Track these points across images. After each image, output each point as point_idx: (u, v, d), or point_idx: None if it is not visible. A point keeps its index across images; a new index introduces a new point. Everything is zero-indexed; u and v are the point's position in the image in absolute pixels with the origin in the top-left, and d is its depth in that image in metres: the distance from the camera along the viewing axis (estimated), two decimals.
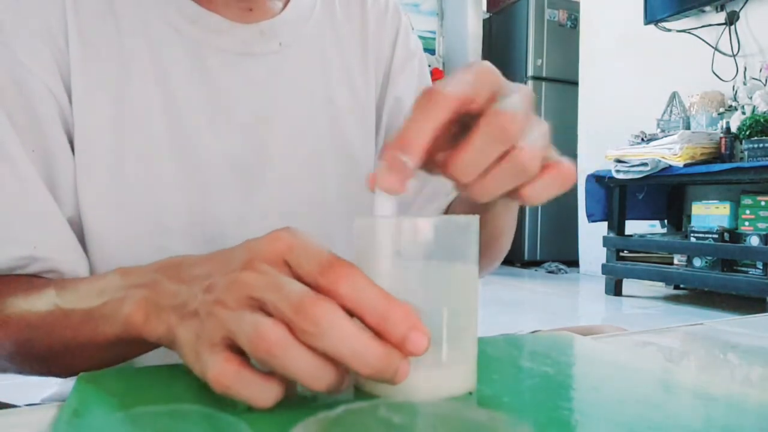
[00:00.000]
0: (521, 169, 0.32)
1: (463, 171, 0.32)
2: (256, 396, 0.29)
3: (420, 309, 0.28)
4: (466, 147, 0.31)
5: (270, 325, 0.28)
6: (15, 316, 0.41)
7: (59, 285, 0.42)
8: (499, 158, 0.32)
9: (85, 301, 0.39)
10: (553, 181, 0.34)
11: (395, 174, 0.31)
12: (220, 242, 0.53)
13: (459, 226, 0.32)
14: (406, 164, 0.31)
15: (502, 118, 0.31)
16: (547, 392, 0.33)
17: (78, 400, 0.30)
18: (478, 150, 0.31)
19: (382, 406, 0.25)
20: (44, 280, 0.45)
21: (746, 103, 2.88)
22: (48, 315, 0.40)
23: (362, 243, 0.32)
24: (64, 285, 0.41)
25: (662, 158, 2.87)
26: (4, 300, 0.42)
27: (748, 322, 0.60)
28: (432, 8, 5.27)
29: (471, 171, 0.32)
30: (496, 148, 0.31)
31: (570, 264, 4.40)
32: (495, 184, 0.32)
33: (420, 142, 0.31)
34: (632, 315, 2.92)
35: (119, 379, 0.35)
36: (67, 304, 0.39)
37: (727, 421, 0.29)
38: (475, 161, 0.32)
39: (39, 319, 0.40)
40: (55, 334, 0.40)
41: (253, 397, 0.29)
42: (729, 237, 2.80)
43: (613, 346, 0.47)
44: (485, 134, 0.31)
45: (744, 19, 3.16)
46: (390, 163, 0.31)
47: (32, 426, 0.30)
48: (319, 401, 0.31)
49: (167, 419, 0.27)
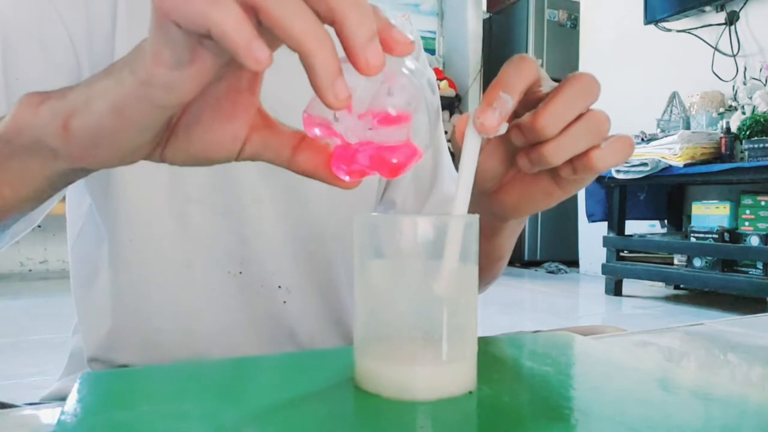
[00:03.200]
0: (597, 129, 0.34)
1: (550, 123, 0.33)
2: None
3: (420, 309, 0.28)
4: (554, 100, 0.33)
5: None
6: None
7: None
8: (576, 118, 0.33)
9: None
10: (621, 147, 0.35)
11: (495, 111, 0.32)
12: (236, 215, 0.56)
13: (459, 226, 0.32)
14: (506, 102, 0.32)
15: (587, 77, 0.34)
16: (547, 392, 0.33)
17: (78, 400, 0.30)
18: (566, 102, 0.33)
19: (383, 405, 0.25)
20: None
21: (746, 103, 2.88)
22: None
23: (362, 241, 0.32)
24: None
25: (662, 158, 2.87)
26: None
27: (748, 322, 0.60)
28: (432, 8, 5.27)
29: (557, 124, 0.33)
30: (582, 102, 0.33)
31: (570, 264, 4.40)
32: (571, 141, 0.34)
33: (518, 88, 0.33)
34: (632, 315, 2.92)
35: (119, 379, 0.35)
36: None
37: (727, 421, 0.29)
38: (562, 114, 0.33)
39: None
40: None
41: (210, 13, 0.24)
42: (729, 237, 2.80)
43: (613, 346, 0.47)
44: (572, 88, 0.33)
45: (744, 19, 3.16)
46: (490, 100, 0.32)
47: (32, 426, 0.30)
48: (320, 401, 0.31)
49: (167, 419, 0.27)
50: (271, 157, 0.33)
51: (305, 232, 0.59)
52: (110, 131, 0.29)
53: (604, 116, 0.34)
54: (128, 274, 0.54)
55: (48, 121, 0.31)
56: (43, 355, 2.05)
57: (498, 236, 0.48)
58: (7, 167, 0.34)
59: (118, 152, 0.31)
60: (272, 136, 0.32)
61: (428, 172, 0.66)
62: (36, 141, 0.32)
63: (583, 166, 0.35)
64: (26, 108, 0.32)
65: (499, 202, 0.42)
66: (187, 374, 0.36)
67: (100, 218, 0.55)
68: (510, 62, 0.34)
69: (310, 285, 0.59)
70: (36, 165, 0.33)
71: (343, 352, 0.41)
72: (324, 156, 0.32)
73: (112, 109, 0.29)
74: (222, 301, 0.56)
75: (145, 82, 0.27)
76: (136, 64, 0.28)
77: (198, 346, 0.56)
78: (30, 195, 0.36)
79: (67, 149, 0.31)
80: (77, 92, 0.30)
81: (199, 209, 0.55)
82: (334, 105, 0.26)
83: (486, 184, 0.41)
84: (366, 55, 0.25)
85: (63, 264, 4.12)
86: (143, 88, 0.27)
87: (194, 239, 0.55)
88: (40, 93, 0.32)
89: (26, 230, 0.52)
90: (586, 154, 0.34)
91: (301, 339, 0.59)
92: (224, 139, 0.31)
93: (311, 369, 0.37)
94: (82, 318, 0.58)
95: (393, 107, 0.29)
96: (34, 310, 2.97)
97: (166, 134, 0.31)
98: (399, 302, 0.31)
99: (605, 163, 0.35)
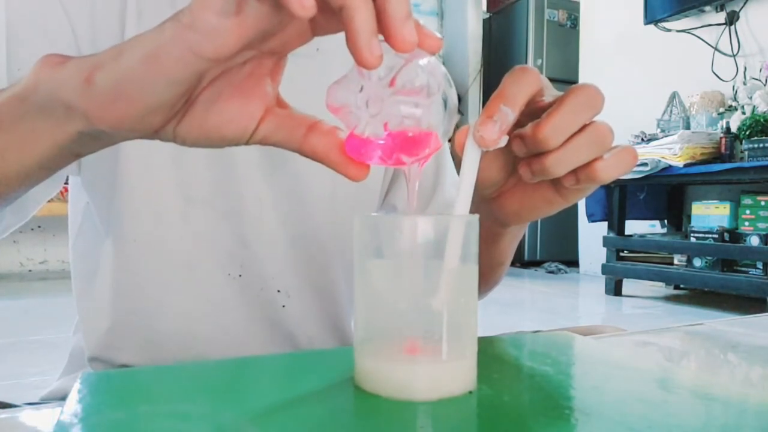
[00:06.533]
0: (600, 141, 0.34)
1: (552, 134, 0.33)
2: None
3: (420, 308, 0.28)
4: (557, 111, 0.33)
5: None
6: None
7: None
8: (579, 129, 0.33)
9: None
10: (625, 158, 0.35)
11: (495, 124, 0.32)
12: (237, 217, 0.56)
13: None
14: (507, 115, 0.32)
15: (590, 88, 0.33)
16: (547, 392, 0.33)
17: (78, 400, 0.30)
18: (568, 114, 0.33)
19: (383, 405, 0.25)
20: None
21: (746, 103, 2.88)
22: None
23: (362, 241, 0.32)
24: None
25: (662, 158, 2.87)
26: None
27: (748, 322, 0.60)
28: (432, 8, 5.27)
29: (559, 135, 0.33)
30: (585, 114, 0.33)
31: (570, 264, 4.40)
32: (574, 153, 0.34)
33: (519, 100, 0.33)
34: (632, 315, 2.92)
35: (119, 379, 0.35)
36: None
37: (727, 421, 0.29)
38: (565, 125, 0.33)
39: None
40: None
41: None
42: (729, 237, 2.80)
43: (613, 346, 0.47)
44: (575, 99, 0.33)
45: (744, 19, 3.16)
46: (491, 113, 0.32)
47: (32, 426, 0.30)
48: (320, 401, 0.31)
49: (167, 419, 0.27)
50: (283, 138, 0.33)
51: (305, 235, 0.58)
52: (137, 81, 0.29)
53: (607, 128, 0.34)
54: (130, 274, 0.54)
55: (70, 74, 0.31)
56: (43, 355, 2.05)
57: (499, 242, 0.48)
58: (16, 128, 0.33)
59: (137, 110, 0.30)
60: (286, 118, 0.33)
61: (430, 177, 0.66)
62: (51, 97, 0.31)
63: (586, 177, 0.35)
64: (46, 66, 0.32)
65: (500, 208, 0.42)
66: (187, 374, 0.36)
67: (104, 217, 0.55)
68: (511, 73, 0.34)
69: (309, 289, 0.59)
70: (47, 126, 0.33)
71: (342, 352, 0.41)
72: (336, 140, 0.32)
73: (145, 57, 0.28)
74: (222, 304, 0.56)
75: (189, 26, 0.27)
76: (180, 14, 0.28)
77: (198, 348, 0.56)
78: (35, 163, 0.35)
79: (85, 103, 0.30)
80: (107, 51, 0.30)
81: (201, 210, 0.55)
82: (369, 61, 0.27)
83: (486, 191, 0.41)
84: (403, 31, 0.27)
85: (63, 264, 4.12)
86: (186, 32, 0.27)
87: (196, 240, 0.55)
88: (61, 54, 0.32)
89: (17, 224, 0.52)
90: (589, 166, 0.34)
91: (300, 343, 0.59)
92: (240, 116, 0.32)
93: (311, 369, 0.37)
94: (82, 316, 0.58)
95: (417, 78, 0.30)
96: (34, 310, 2.97)
97: (184, 107, 0.31)
98: (399, 302, 0.31)
99: (608, 175, 0.35)
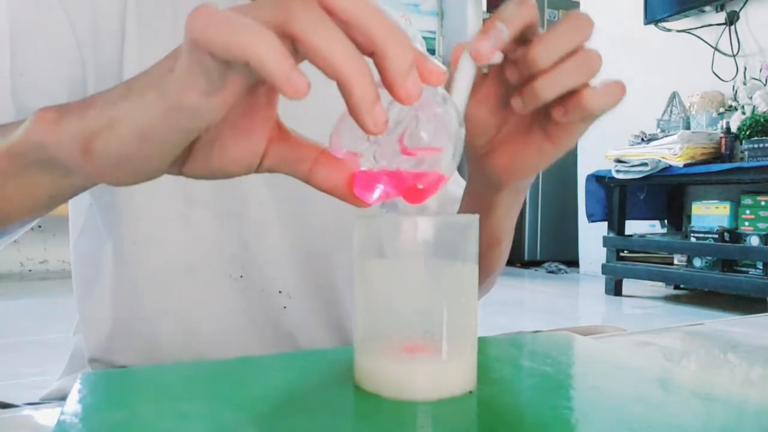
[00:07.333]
0: (588, 65, 0.34)
1: (543, 54, 0.33)
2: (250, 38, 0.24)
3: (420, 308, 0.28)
4: (548, 34, 0.34)
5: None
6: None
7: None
8: (569, 54, 0.34)
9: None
10: (613, 89, 0.36)
11: (490, 39, 0.33)
12: (238, 219, 0.56)
13: (459, 226, 0.32)
14: (502, 31, 0.33)
15: (581, 15, 0.34)
16: (547, 392, 0.33)
17: (78, 400, 0.30)
18: (559, 36, 0.34)
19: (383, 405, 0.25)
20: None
21: (746, 103, 2.88)
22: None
23: (362, 241, 0.32)
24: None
25: (662, 158, 2.87)
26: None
27: (748, 322, 0.60)
28: (432, 8, 5.27)
29: (550, 55, 0.33)
30: (575, 38, 0.34)
31: (570, 264, 4.40)
32: (563, 75, 0.34)
33: (515, 22, 0.33)
34: (632, 315, 2.92)
35: (119, 379, 0.35)
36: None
37: (727, 421, 0.29)
38: (554, 46, 0.33)
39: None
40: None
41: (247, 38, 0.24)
42: (729, 237, 2.80)
43: (613, 346, 0.47)
44: (567, 22, 0.34)
45: (744, 19, 3.16)
46: (487, 28, 0.33)
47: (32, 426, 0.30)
48: (320, 401, 0.31)
49: (167, 419, 0.27)
50: (289, 171, 0.33)
51: (307, 237, 0.58)
52: (134, 155, 0.29)
53: (595, 54, 0.35)
54: (131, 275, 0.54)
55: (66, 140, 0.31)
56: (43, 355, 2.05)
57: (494, 212, 0.47)
58: (17, 180, 0.34)
59: (139, 172, 0.31)
60: (290, 150, 0.32)
61: None
62: (51, 158, 0.32)
63: (575, 106, 0.35)
64: (42, 124, 0.31)
65: (492, 165, 0.42)
66: (187, 374, 0.36)
67: (105, 218, 0.55)
68: (509, 2, 0.35)
69: (310, 291, 0.59)
70: (47, 180, 0.34)
71: (342, 352, 0.41)
72: (343, 174, 0.32)
73: (137, 134, 0.29)
74: (223, 305, 0.56)
75: (175, 107, 0.27)
76: (164, 87, 0.27)
77: (199, 349, 0.56)
78: (37, 205, 0.36)
79: (86, 171, 0.31)
80: (97, 110, 0.30)
81: (202, 212, 0.55)
82: (373, 130, 0.26)
83: (477, 140, 0.41)
84: (406, 86, 0.26)
85: (63, 264, 4.12)
86: (172, 113, 0.27)
87: (197, 242, 0.55)
88: (55, 108, 0.32)
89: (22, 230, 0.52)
90: (577, 93, 0.35)
91: (301, 344, 0.59)
92: (243, 154, 0.31)
93: (311, 369, 0.37)
94: (83, 317, 0.58)
95: (425, 132, 0.29)
96: (34, 310, 2.97)
97: (185, 153, 0.31)
98: (399, 302, 0.31)
99: (596, 103, 0.35)
